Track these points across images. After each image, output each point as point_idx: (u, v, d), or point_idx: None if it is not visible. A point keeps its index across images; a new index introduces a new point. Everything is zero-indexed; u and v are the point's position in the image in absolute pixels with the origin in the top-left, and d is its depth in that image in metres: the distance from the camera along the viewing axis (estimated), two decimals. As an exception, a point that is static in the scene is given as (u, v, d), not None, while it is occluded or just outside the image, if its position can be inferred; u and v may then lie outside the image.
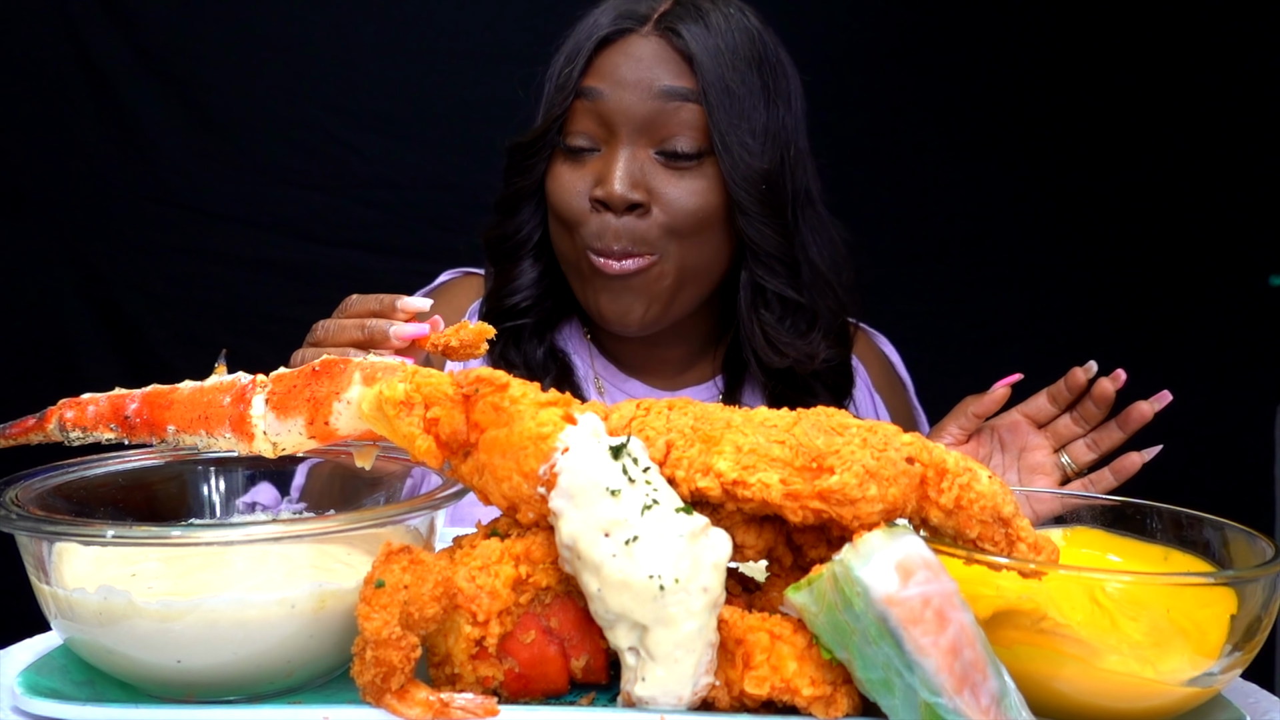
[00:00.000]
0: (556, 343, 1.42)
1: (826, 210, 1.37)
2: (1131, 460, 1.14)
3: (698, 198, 1.26)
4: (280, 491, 0.92)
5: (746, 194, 1.26)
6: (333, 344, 0.98)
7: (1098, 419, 1.17)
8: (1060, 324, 2.52)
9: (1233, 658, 0.73)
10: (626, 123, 1.25)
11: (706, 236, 1.28)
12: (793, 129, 1.31)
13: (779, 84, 1.30)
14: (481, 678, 0.71)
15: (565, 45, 1.31)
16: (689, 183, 1.26)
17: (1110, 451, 1.17)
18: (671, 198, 1.25)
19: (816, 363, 1.34)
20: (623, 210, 1.25)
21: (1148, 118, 2.53)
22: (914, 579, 0.65)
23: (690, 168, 1.26)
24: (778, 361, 1.34)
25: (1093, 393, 1.16)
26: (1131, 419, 1.15)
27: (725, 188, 1.26)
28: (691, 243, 1.27)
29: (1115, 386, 1.16)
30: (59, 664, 0.75)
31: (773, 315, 1.33)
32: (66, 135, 2.25)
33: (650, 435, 0.73)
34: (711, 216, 1.27)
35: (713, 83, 1.24)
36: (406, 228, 2.35)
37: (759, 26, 1.31)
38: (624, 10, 1.28)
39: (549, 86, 1.32)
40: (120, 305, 2.31)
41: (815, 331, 1.34)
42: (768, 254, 1.30)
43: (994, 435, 1.22)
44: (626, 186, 1.24)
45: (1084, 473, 1.18)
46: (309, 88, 2.31)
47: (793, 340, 1.33)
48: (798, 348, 1.33)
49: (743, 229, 1.28)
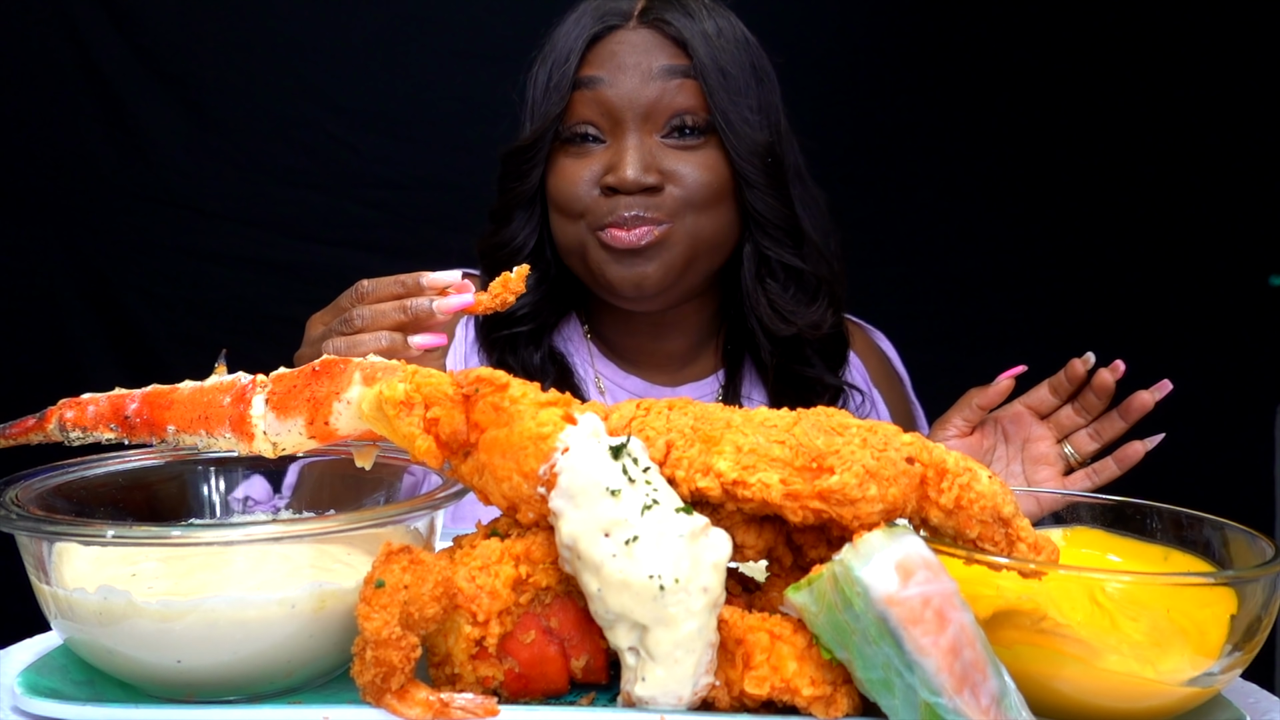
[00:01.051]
0: (555, 344, 1.43)
1: (811, 180, 1.40)
2: (1134, 449, 1.15)
3: (708, 172, 1.29)
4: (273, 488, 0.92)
5: (751, 167, 1.30)
6: (374, 329, 0.99)
7: (1099, 409, 1.18)
8: (1060, 324, 2.51)
9: (1233, 658, 0.73)
10: (631, 110, 1.27)
11: (717, 210, 1.31)
12: (777, 105, 1.35)
13: (760, 62, 1.34)
14: (481, 678, 0.71)
15: (547, 52, 1.32)
16: (698, 157, 1.29)
17: (1113, 441, 1.18)
18: (684, 174, 1.28)
19: (825, 329, 1.37)
20: (635, 193, 1.27)
21: (1148, 117, 2.53)
22: (914, 579, 0.65)
23: (697, 145, 1.29)
24: (784, 329, 1.36)
25: (1093, 384, 1.17)
26: (1133, 408, 1.16)
27: (729, 163, 1.29)
28: (705, 215, 1.30)
29: (1115, 377, 1.17)
30: (59, 664, 0.75)
31: (777, 284, 1.36)
32: (66, 135, 2.25)
33: (650, 435, 0.73)
34: (721, 190, 1.30)
35: (707, 63, 1.27)
36: (406, 228, 2.34)
37: (732, 14, 1.35)
38: (605, 10, 1.31)
39: (533, 92, 1.32)
40: (120, 305, 2.31)
41: (819, 300, 1.37)
42: (773, 225, 1.33)
43: (998, 427, 1.23)
44: (639, 171, 1.26)
45: (1087, 462, 1.19)
46: (309, 88, 2.31)
47: (797, 308, 1.36)
48: (803, 315, 1.36)
49: (750, 202, 1.31)
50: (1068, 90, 2.52)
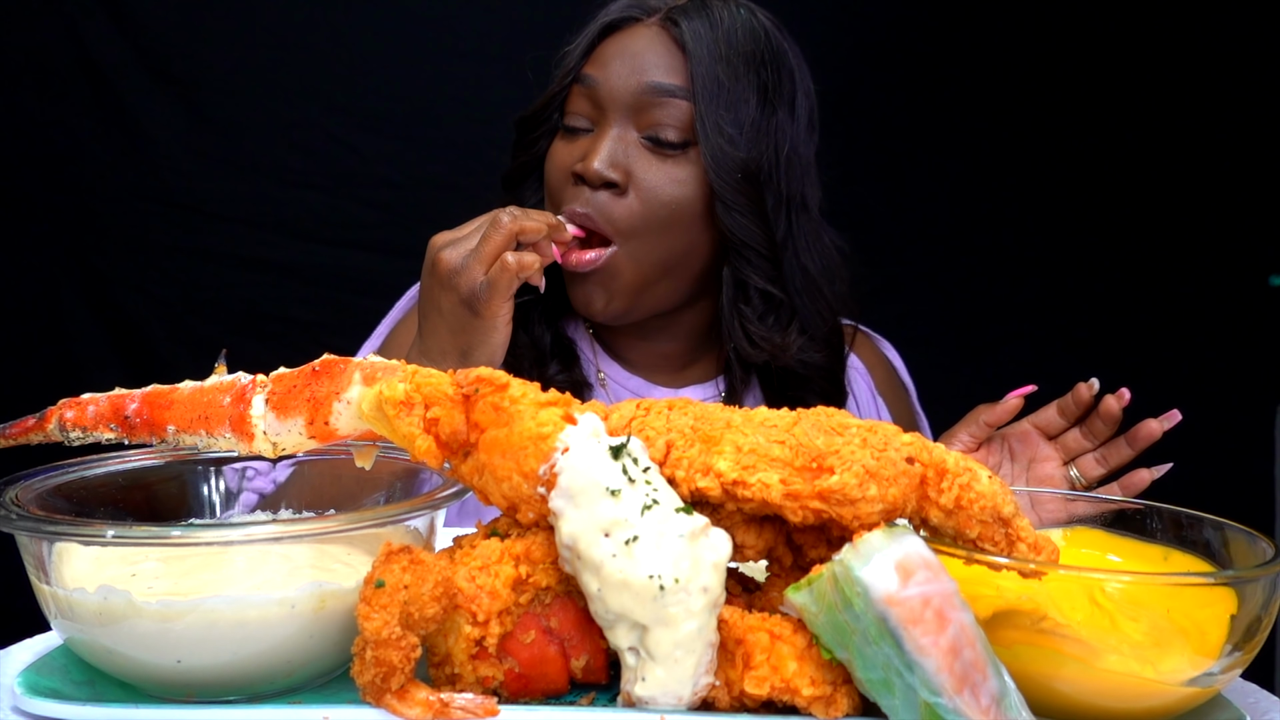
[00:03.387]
0: (564, 331, 1.44)
1: (823, 220, 1.38)
2: (1140, 477, 1.14)
3: (677, 186, 1.27)
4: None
5: (725, 183, 1.27)
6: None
7: (1106, 435, 1.18)
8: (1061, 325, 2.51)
9: (1233, 658, 0.73)
10: (616, 107, 1.28)
11: (682, 229, 1.29)
12: (791, 133, 1.32)
13: (781, 86, 1.31)
14: (481, 678, 0.71)
15: (583, 26, 1.35)
16: (671, 169, 1.27)
17: (1119, 468, 1.17)
18: (650, 184, 1.27)
19: (787, 357, 1.34)
20: (598, 186, 1.27)
21: (1148, 118, 2.53)
22: (914, 579, 0.65)
23: (674, 155, 1.28)
24: (754, 356, 1.35)
25: (1099, 411, 1.17)
26: (1140, 437, 1.15)
27: (707, 180, 1.27)
28: (662, 236, 1.28)
29: (1120, 405, 1.16)
30: (59, 664, 0.75)
31: (753, 310, 1.34)
32: (66, 135, 2.25)
33: (650, 435, 0.73)
34: (688, 208, 1.28)
35: (702, 74, 1.26)
36: (406, 228, 2.33)
37: (768, 28, 1.32)
38: (637, 0, 1.32)
39: (556, 65, 1.36)
40: (120, 305, 2.31)
41: (791, 328, 1.35)
42: (747, 247, 1.30)
43: (1004, 444, 1.22)
44: (605, 165, 1.26)
45: (1093, 487, 1.18)
46: (309, 88, 2.31)
47: (769, 334, 1.34)
48: (772, 341, 1.34)
49: (722, 219, 1.28)
50: (1067, 91, 2.52)
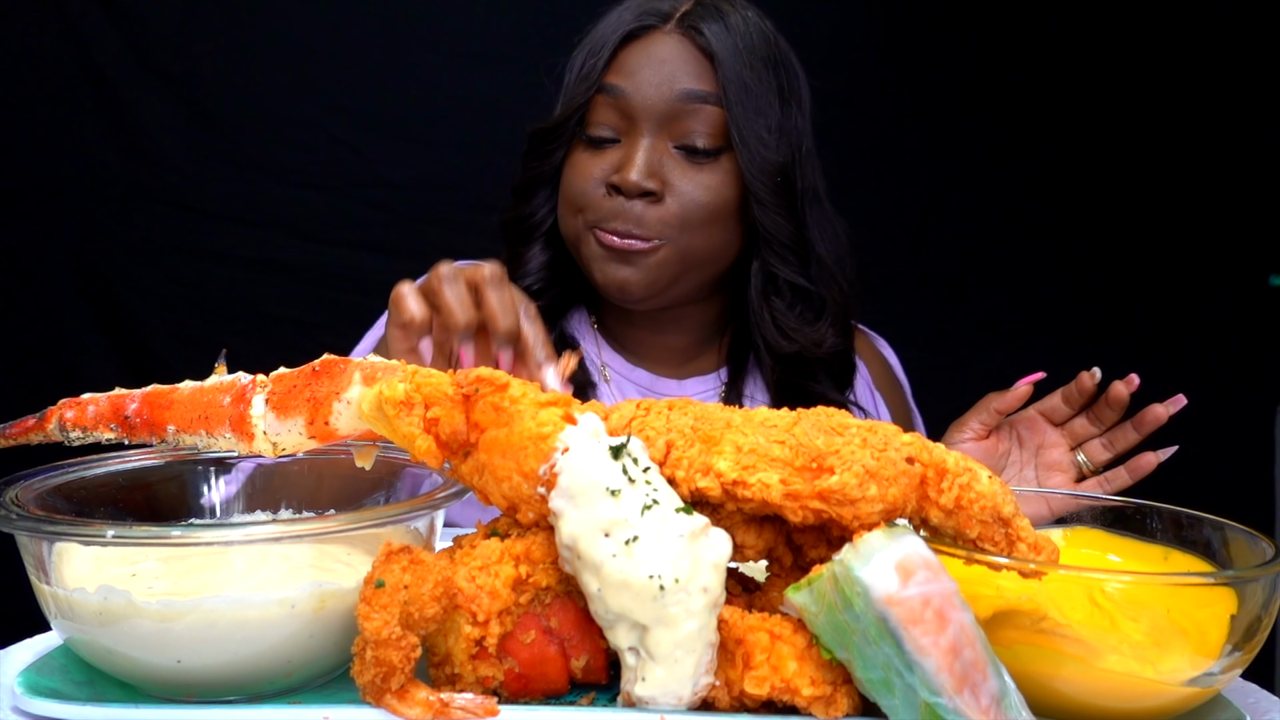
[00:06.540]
0: (566, 329, 1.45)
1: (831, 207, 1.41)
2: (1147, 460, 1.16)
3: (711, 192, 1.30)
4: None
5: (763, 185, 1.30)
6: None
7: (1112, 420, 1.19)
8: (1060, 324, 2.52)
9: (1233, 658, 0.73)
10: (648, 117, 1.29)
11: (717, 227, 1.32)
12: (802, 129, 1.36)
13: (791, 85, 1.35)
14: (481, 678, 0.71)
15: (587, 39, 1.34)
16: (705, 176, 1.30)
17: (1125, 451, 1.18)
18: (685, 190, 1.29)
19: (824, 349, 1.38)
20: (635, 197, 1.28)
21: (1149, 117, 2.53)
22: (914, 579, 0.65)
23: (707, 163, 1.30)
24: (786, 347, 1.38)
25: (1107, 396, 1.18)
26: (1146, 421, 1.17)
27: (740, 181, 1.31)
28: (700, 232, 1.31)
29: (1129, 390, 1.17)
30: (59, 664, 0.75)
31: (783, 302, 1.38)
32: (66, 135, 2.25)
33: (650, 435, 0.73)
34: (723, 209, 1.31)
35: (732, 80, 1.28)
36: (406, 228, 2.35)
37: (773, 30, 1.35)
38: (647, 8, 1.33)
39: (569, 77, 1.35)
40: (120, 305, 2.31)
41: (823, 320, 1.39)
42: (781, 243, 1.34)
43: (1013, 432, 1.24)
44: (643, 175, 1.27)
45: (1099, 471, 1.20)
46: (309, 88, 2.31)
47: (801, 327, 1.38)
48: (806, 334, 1.37)
49: (759, 219, 1.32)
50: (1068, 91, 2.52)
